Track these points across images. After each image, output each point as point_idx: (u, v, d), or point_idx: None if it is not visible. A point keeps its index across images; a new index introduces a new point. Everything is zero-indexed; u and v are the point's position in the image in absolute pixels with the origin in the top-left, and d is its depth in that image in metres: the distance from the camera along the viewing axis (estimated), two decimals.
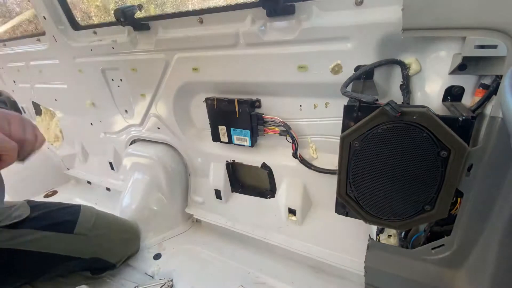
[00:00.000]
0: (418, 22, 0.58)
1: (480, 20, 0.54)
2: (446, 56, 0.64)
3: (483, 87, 0.61)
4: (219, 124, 1.07)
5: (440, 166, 0.60)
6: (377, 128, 0.61)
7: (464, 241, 0.67)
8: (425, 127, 0.58)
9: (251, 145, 1.04)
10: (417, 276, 0.73)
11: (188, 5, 2.53)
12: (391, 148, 0.62)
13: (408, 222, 0.69)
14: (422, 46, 0.67)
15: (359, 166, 0.67)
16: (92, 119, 1.56)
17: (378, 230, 0.87)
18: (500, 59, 0.55)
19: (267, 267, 1.09)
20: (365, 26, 0.70)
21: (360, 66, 0.75)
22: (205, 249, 1.23)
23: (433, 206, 0.65)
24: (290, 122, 0.98)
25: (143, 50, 1.11)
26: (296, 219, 1.13)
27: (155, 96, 1.22)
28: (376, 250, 0.79)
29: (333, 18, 0.74)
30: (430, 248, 0.72)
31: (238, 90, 1.02)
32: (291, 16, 0.79)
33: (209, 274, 1.10)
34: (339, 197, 0.74)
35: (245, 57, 0.91)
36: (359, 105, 0.63)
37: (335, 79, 0.80)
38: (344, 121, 0.66)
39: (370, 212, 0.72)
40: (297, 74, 0.85)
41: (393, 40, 0.68)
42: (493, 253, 0.60)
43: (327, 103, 0.90)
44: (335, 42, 0.76)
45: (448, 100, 0.67)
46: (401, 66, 0.70)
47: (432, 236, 0.76)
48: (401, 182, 0.64)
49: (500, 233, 0.58)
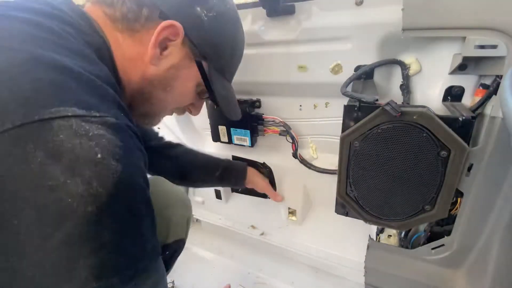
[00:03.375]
0: (418, 22, 0.58)
1: (480, 20, 0.54)
2: (446, 56, 0.64)
3: (483, 87, 0.61)
4: (219, 124, 1.07)
5: (440, 166, 0.60)
6: (377, 128, 0.61)
7: (464, 241, 0.67)
8: (425, 127, 0.58)
9: (251, 145, 1.04)
10: (417, 276, 0.73)
11: None
12: (391, 148, 0.62)
13: (408, 222, 0.69)
14: (422, 46, 0.67)
15: (359, 166, 0.67)
16: None
17: (378, 230, 0.87)
18: (500, 59, 0.55)
19: (267, 267, 1.09)
20: (365, 26, 0.70)
21: (360, 66, 0.75)
22: (205, 249, 1.23)
23: (433, 206, 0.65)
24: (290, 122, 0.98)
25: None
26: (296, 219, 1.13)
27: None
28: (376, 250, 0.79)
29: (333, 18, 0.74)
30: (430, 248, 0.72)
31: (238, 90, 1.02)
32: (291, 16, 0.79)
33: (209, 274, 1.10)
34: (339, 197, 0.74)
35: (245, 57, 0.90)
36: (359, 105, 0.63)
37: (335, 79, 0.80)
38: (344, 121, 0.66)
39: (370, 212, 0.72)
40: (297, 74, 0.85)
41: (393, 40, 0.68)
42: (493, 253, 0.60)
43: (327, 103, 0.90)
44: (335, 42, 0.76)
45: (448, 100, 0.67)
46: (401, 66, 0.70)
47: (432, 236, 0.76)
48: (401, 182, 0.64)
49: (500, 233, 0.58)
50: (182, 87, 0.57)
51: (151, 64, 0.51)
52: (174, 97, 0.58)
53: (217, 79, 0.59)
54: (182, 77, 0.55)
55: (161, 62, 0.51)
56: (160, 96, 0.56)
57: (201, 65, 0.55)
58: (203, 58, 0.55)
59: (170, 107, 0.62)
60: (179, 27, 0.48)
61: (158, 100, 0.56)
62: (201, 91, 0.61)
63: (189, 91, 0.59)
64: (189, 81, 0.57)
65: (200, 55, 0.54)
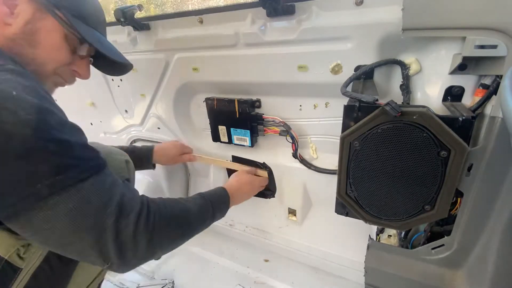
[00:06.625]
0: (418, 22, 0.58)
1: (480, 20, 0.54)
2: (446, 56, 0.64)
3: (483, 87, 0.61)
4: (219, 124, 1.07)
5: (440, 166, 0.60)
6: (377, 128, 0.61)
7: (464, 241, 0.67)
8: (425, 127, 0.58)
9: (251, 145, 1.04)
10: (417, 276, 0.73)
11: (188, 5, 2.53)
12: (391, 148, 0.62)
13: (408, 222, 0.69)
14: (422, 46, 0.67)
15: (359, 166, 0.67)
16: (92, 119, 1.56)
17: (378, 230, 0.87)
18: (500, 59, 0.55)
19: (267, 267, 1.09)
20: (365, 26, 0.70)
21: (360, 66, 0.75)
22: (205, 249, 1.23)
23: (433, 206, 0.65)
24: (290, 122, 0.98)
25: (143, 50, 1.11)
26: (296, 219, 1.13)
27: (155, 96, 1.22)
28: (376, 250, 0.79)
29: (333, 18, 0.74)
30: (430, 248, 0.72)
31: (238, 90, 1.02)
32: (291, 16, 0.79)
33: (209, 274, 1.10)
34: (339, 197, 0.74)
35: (245, 57, 0.91)
36: (359, 105, 0.63)
37: (335, 79, 0.80)
38: (344, 121, 0.66)
39: (370, 212, 0.72)
40: (297, 74, 0.85)
41: (393, 40, 0.68)
42: (493, 253, 0.60)
43: (327, 103, 0.90)
44: (335, 42, 0.76)
45: (448, 100, 0.67)
46: (401, 66, 0.70)
47: (432, 236, 0.76)
48: (401, 182, 0.64)
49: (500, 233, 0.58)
50: (48, 39, 0.59)
51: (6, 24, 0.54)
52: (46, 52, 0.60)
53: (81, 25, 0.61)
54: (43, 30, 0.58)
55: (16, 21, 0.55)
56: (31, 53, 0.58)
57: (56, 14, 0.58)
58: (55, 8, 0.58)
59: (49, 66, 0.62)
60: None
61: (31, 58, 0.58)
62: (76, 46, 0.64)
63: (57, 44, 0.61)
64: (52, 33, 0.59)
65: (50, 5, 0.57)
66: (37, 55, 0.59)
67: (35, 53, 0.59)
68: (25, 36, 0.56)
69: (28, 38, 0.57)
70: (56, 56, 0.62)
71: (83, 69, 0.69)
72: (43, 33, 0.58)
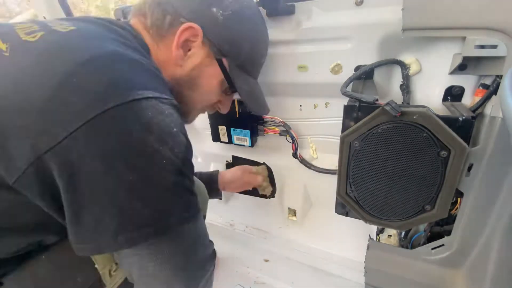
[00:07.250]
0: (418, 22, 0.58)
1: (480, 20, 0.54)
2: (446, 56, 0.64)
3: (483, 87, 0.61)
4: (219, 124, 1.07)
5: (440, 166, 0.60)
6: (377, 128, 0.61)
7: (464, 241, 0.67)
8: (425, 127, 0.58)
9: (251, 145, 1.04)
10: (417, 276, 0.73)
11: None
12: (391, 148, 0.62)
13: (408, 222, 0.69)
14: (422, 46, 0.67)
15: (359, 166, 0.67)
16: None
17: (378, 230, 0.87)
18: (500, 59, 0.55)
19: (267, 267, 1.09)
20: (365, 26, 0.70)
21: (360, 66, 0.75)
22: None
23: (433, 206, 0.65)
24: (290, 122, 0.98)
25: None
26: (296, 219, 1.13)
27: None
28: (376, 250, 0.79)
29: (333, 18, 0.74)
30: (430, 248, 0.72)
31: None
32: (291, 16, 0.79)
33: None
34: (339, 197, 0.74)
35: None
36: (359, 105, 0.63)
37: (335, 79, 0.80)
38: (344, 121, 0.66)
39: (370, 212, 0.72)
40: (297, 74, 0.85)
41: (393, 40, 0.68)
42: (493, 253, 0.60)
43: (327, 103, 0.90)
44: (335, 42, 0.76)
45: (448, 100, 0.67)
46: (401, 66, 0.70)
47: (432, 236, 0.76)
48: (401, 182, 0.64)
49: (500, 233, 0.58)
50: (207, 85, 0.61)
51: (177, 66, 0.56)
52: (201, 95, 0.62)
53: (239, 75, 0.63)
54: (206, 75, 0.59)
55: (186, 63, 0.57)
56: (188, 95, 0.60)
57: (222, 62, 0.59)
58: (222, 56, 0.59)
59: (199, 105, 0.65)
60: (197, 28, 0.53)
61: (186, 99, 0.61)
62: (226, 88, 0.65)
63: (214, 88, 0.63)
64: (212, 79, 0.61)
65: (219, 53, 0.58)
66: (193, 97, 0.62)
67: (191, 96, 0.61)
68: (190, 80, 0.58)
69: (191, 82, 0.59)
70: (208, 98, 0.65)
71: (226, 104, 0.72)
72: (205, 78, 0.60)
